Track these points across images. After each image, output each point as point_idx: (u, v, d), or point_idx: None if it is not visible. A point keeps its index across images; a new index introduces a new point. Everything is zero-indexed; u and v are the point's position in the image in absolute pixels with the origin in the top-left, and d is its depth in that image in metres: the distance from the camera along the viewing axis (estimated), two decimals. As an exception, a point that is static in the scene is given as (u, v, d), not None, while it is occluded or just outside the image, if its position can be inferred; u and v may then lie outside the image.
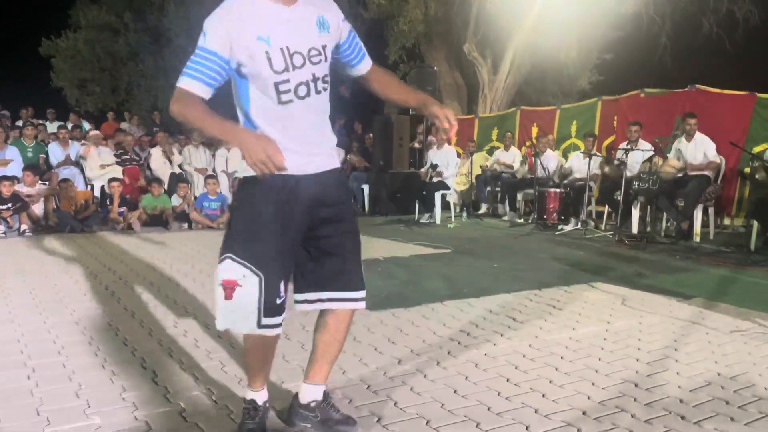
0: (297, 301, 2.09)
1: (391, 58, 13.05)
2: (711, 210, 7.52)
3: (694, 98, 8.55)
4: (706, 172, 7.41)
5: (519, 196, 9.98)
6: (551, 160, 9.45)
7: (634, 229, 7.67)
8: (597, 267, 5.59)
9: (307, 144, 1.95)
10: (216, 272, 1.95)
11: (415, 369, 2.84)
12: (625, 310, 4.02)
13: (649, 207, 7.71)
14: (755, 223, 6.52)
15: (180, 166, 10.62)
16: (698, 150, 7.47)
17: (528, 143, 10.52)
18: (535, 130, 11.10)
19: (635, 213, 7.74)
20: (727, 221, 8.34)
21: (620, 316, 3.86)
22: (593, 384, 2.67)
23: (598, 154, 8.85)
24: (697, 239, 7.17)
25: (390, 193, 10.66)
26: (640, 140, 8.00)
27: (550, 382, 2.69)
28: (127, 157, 10.31)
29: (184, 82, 1.84)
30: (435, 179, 9.47)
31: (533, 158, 9.34)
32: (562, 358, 3.02)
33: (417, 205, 9.71)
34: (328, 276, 2.03)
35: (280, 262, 1.93)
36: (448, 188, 9.55)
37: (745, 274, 5.26)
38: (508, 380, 2.70)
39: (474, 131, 12.33)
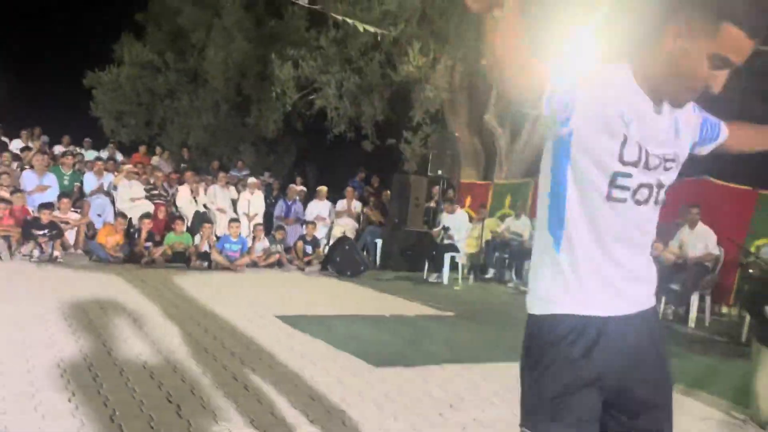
0: None
1: (415, 120, 13.68)
2: (708, 298, 7.81)
3: (705, 189, 8.94)
4: (705, 262, 7.75)
5: (526, 265, 10.31)
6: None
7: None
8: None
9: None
10: None
11: (410, 427, 3.18)
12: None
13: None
14: (747, 316, 6.81)
15: (204, 206, 11.15)
16: (699, 240, 7.82)
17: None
18: (546, 202, 11.51)
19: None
20: (725, 309, 8.61)
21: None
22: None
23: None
24: (692, 325, 7.45)
25: (401, 250, 11.05)
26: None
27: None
28: (156, 192, 10.86)
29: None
30: (446, 241, 9.88)
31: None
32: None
33: (426, 264, 10.08)
34: None
35: None
36: (458, 251, 9.93)
37: (731, 365, 5.54)
38: (491, 445, 3.04)
39: (488, 197, 12.79)
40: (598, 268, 1.40)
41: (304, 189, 13.79)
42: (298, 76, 13.89)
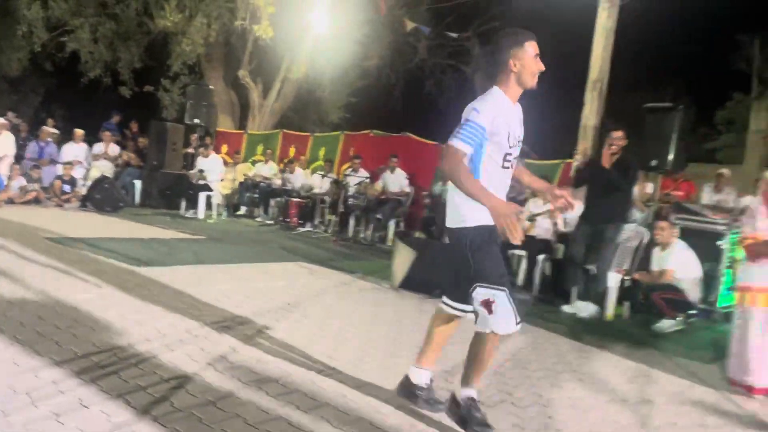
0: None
1: (173, 70, 14.49)
2: (402, 224, 10.48)
3: (406, 143, 11.63)
4: (400, 197, 10.38)
5: (272, 203, 12.16)
6: (299, 176, 11.85)
7: (350, 233, 10.35)
8: (306, 253, 7.96)
9: (503, 197, 2.79)
10: (475, 296, 2.71)
11: (161, 305, 4.77)
12: (304, 273, 6.40)
13: (362, 218, 10.46)
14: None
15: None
16: (397, 181, 10.40)
17: (286, 160, 12.82)
18: (292, 151, 13.46)
19: (351, 222, 10.44)
20: (417, 234, 11.46)
21: (300, 277, 6.21)
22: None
23: (334, 175, 11.46)
24: (389, 243, 10.03)
25: (160, 190, 12.09)
26: (361, 169, 10.77)
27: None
28: None
29: (459, 144, 2.60)
30: (201, 182, 11.24)
31: (284, 173, 11.67)
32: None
33: (183, 202, 11.36)
34: None
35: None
36: (212, 190, 11.37)
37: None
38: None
39: (242, 145, 14.33)
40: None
41: (57, 131, 13.78)
42: (48, 17, 13.66)
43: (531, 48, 2.77)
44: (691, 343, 5.32)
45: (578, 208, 6.92)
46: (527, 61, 2.76)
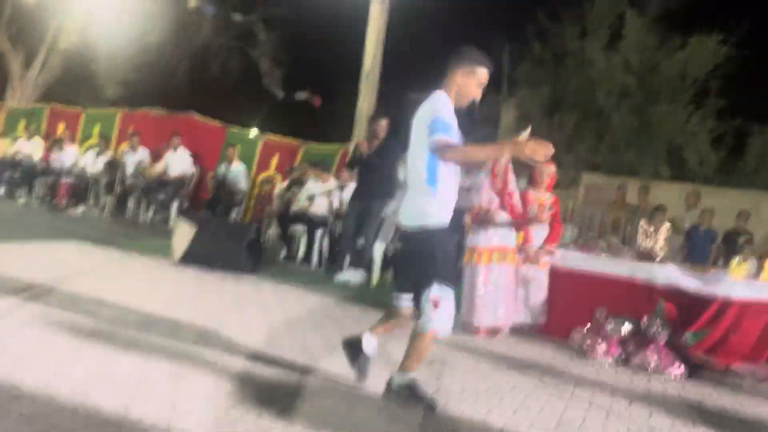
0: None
1: None
2: (186, 205, 10.37)
3: (190, 123, 11.46)
4: (183, 178, 10.26)
5: (36, 183, 11.14)
6: (70, 154, 11.03)
7: (129, 215, 9.98)
8: (78, 233, 7.58)
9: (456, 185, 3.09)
10: (427, 293, 2.91)
11: None
12: (75, 252, 6.19)
13: (142, 199, 10.14)
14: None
15: None
16: (180, 161, 10.24)
17: (54, 138, 11.78)
18: (61, 127, 12.39)
19: (130, 203, 10.07)
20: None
21: (71, 255, 6.00)
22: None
23: (110, 154, 10.89)
24: (171, 224, 9.86)
25: None
26: (140, 148, 10.40)
27: None
28: None
29: (442, 136, 2.86)
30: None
31: (50, 152, 10.78)
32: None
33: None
34: None
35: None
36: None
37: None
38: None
39: (1, 120, 12.83)
40: (449, 201, 3.05)
41: None
42: None
43: (480, 75, 3.06)
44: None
45: (351, 186, 7.66)
46: (470, 84, 3.06)
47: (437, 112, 2.93)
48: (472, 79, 3.04)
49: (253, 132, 12.08)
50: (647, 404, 3.67)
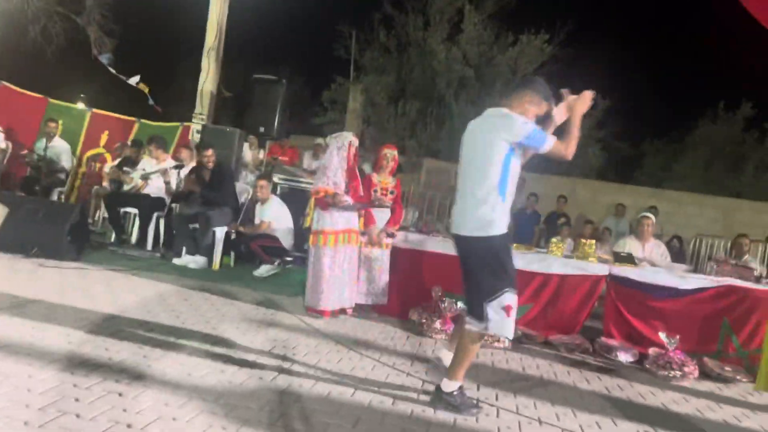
0: None
1: None
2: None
3: (2, 93, 10.12)
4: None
5: None
6: None
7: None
8: None
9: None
10: (501, 300, 3.06)
11: None
12: None
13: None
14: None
15: None
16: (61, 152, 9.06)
17: None
18: None
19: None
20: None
21: None
22: None
23: None
24: None
25: None
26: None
27: None
28: None
29: (550, 140, 3.12)
30: None
31: None
32: None
33: None
34: None
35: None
36: None
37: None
38: None
39: None
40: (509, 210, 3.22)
41: None
42: None
43: (542, 108, 3.31)
44: (282, 283, 6.20)
45: (191, 166, 7.31)
46: (532, 111, 3.28)
47: (526, 125, 3.11)
48: (534, 108, 3.28)
49: (79, 106, 11.02)
50: (475, 375, 3.91)
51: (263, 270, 6.47)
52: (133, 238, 7.40)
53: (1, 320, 3.57)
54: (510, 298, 3.08)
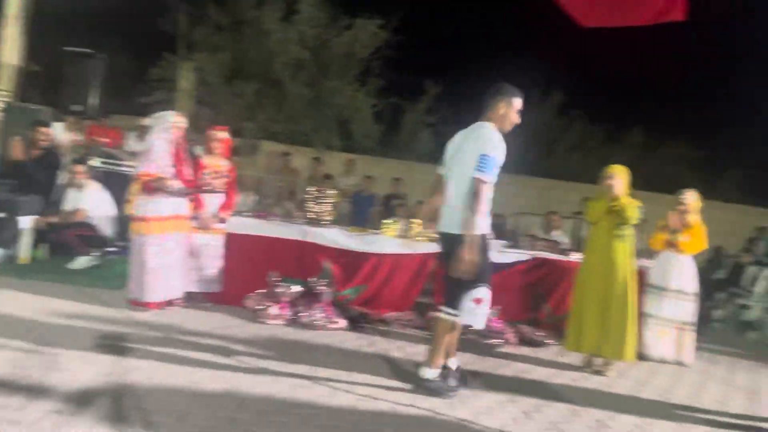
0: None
1: None
2: None
3: None
4: None
5: None
6: None
7: None
8: None
9: None
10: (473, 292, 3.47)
11: None
12: None
13: None
14: None
15: None
16: None
17: None
18: None
19: None
20: None
21: None
22: None
23: None
24: None
25: None
26: None
27: None
28: None
29: (488, 178, 3.40)
30: None
31: None
32: None
33: None
34: None
35: None
36: None
37: None
38: None
39: None
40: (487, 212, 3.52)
41: None
42: None
43: (517, 104, 3.64)
44: (103, 275, 5.70)
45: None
46: (511, 113, 3.64)
47: (489, 151, 3.38)
48: (512, 109, 3.62)
49: None
50: (311, 358, 3.91)
51: (80, 261, 5.91)
52: None
53: None
54: (482, 291, 3.48)
